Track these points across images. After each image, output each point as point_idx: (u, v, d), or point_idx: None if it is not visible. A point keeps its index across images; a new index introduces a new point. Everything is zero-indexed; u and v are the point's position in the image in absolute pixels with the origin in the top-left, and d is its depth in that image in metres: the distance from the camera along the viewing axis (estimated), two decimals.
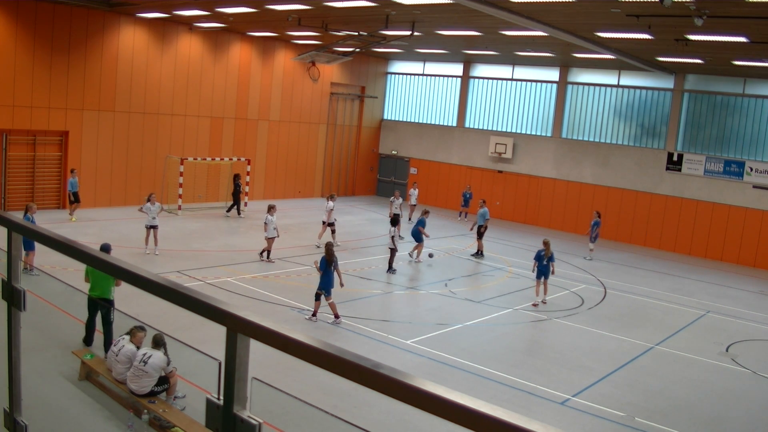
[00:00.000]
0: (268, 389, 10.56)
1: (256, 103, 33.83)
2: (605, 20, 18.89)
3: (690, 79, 30.63)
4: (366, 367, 1.76)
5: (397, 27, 24.30)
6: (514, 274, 23.40)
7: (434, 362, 14.41)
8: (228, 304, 2.09)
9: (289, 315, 16.51)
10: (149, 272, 2.38)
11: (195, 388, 11.05)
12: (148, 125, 29.43)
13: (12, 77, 24.87)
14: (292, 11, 23.12)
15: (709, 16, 15.97)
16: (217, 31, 30.98)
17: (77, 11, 26.26)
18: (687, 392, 14.12)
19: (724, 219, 29.34)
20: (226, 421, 2.10)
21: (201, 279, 18.81)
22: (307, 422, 10.82)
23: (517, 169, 35.46)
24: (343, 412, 10.96)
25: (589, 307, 19.95)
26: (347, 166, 39.99)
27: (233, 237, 25.28)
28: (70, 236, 2.93)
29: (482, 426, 1.56)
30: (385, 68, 40.83)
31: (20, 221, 3.06)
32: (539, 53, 29.68)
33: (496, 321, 17.87)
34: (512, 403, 12.46)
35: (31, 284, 3.30)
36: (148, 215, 21.01)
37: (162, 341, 10.61)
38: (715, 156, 29.83)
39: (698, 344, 17.32)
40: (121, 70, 28.10)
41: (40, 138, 26.28)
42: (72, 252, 2.73)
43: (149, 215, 20.97)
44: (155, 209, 21.04)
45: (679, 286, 24.00)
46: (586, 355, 15.79)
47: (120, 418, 10.33)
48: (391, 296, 19.63)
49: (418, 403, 1.67)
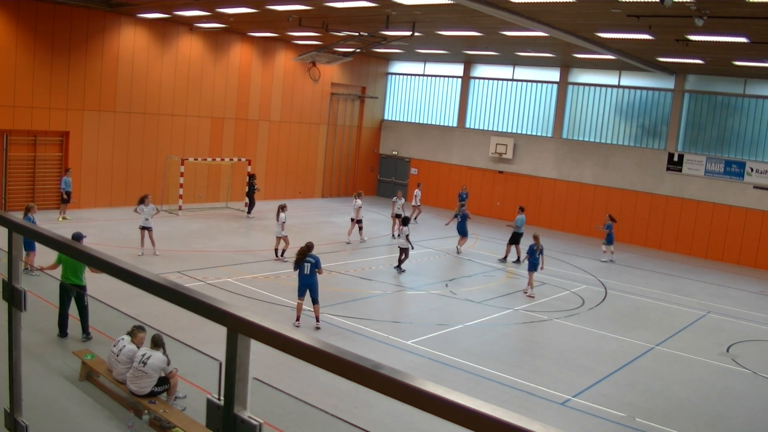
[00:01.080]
0: (268, 389, 10.57)
1: (257, 103, 33.83)
2: (606, 21, 18.89)
3: (690, 80, 30.63)
4: (366, 367, 1.76)
5: (398, 27, 24.30)
6: (514, 274, 23.40)
7: (434, 362, 14.40)
8: (228, 304, 2.09)
9: (290, 315, 16.50)
10: (150, 272, 2.38)
11: (195, 388, 11.06)
12: (148, 125, 29.44)
13: (13, 77, 24.88)
14: (292, 11, 23.12)
15: (710, 16, 15.97)
16: (218, 31, 30.99)
17: (78, 11, 26.26)
18: (687, 392, 14.12)
19: (725, 219, 29.34)
20: (227, 421, 2.10)
21: (201, 279, 18.81)
22: (307, 422, 10.83)
23: (517, 170, 35.46)
24: (344, 412, 10.96)
25: (590, 308, 19.95)
26: (348, 167, 40.00)
27: (234, 237, 25.28)
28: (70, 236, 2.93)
29: (483, 426, 1.56)
30: (385, 68, 40.84)
31: (21, 221, 3.06)
32: (540, 54, 29.68)
33: (497, 321, 17.87)
34: (512, 404, 12.46)
35: (31, 284, 3.29)
36: (141, 216, 20.97)
37: (161, 341, 10.59)
38: (715, 156, 29.83)
39: (699, 345, 17.32)
40: (121, 70, 28.11)
41: (40, 138, 26.29)
42: (72, 252, 2.73)
43: (143, 216, 20.90)
44: (149, 210, 20.94)
45: (680, 286, 24.00)
46: (586, 355, 15.79)
47: (120, 419, 10.33)
48: (392, 296, 19.62)
49: (419, 403, 1.67)
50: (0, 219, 3.14)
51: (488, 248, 26.97)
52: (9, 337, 3.25)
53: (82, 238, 13.68)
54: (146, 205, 20.95)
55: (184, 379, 11.14)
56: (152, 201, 21.67)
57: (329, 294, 18.87)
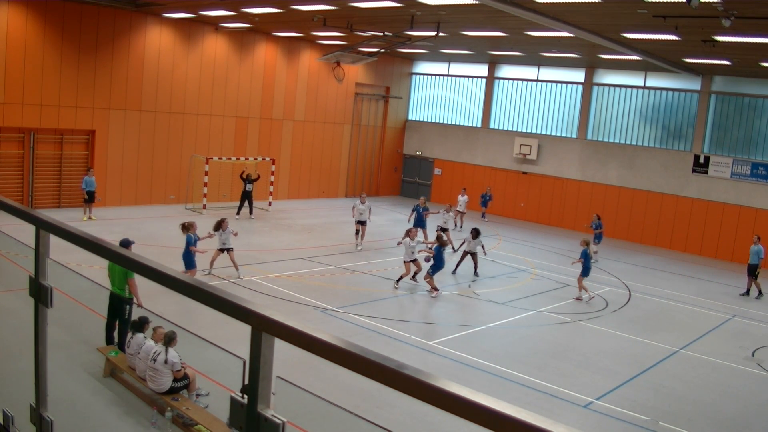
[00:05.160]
0: (291, 388, 10.61)
1: (281, 103, 33.95)
2: (632, 21, 18.75)
3: (717, 81, 30.33)
4: (390, 367, 1.76)
5: (422, 27, 24.28)
6: (537, 276, 23.30)
7: (457, 363, 14.38)
8: (253, 303, 2.10)
9: (313, 315, 16.54)
10: (175, 270, 2.39)
11: (217, 386, 11.11)
12: (173, 125, 29.65)
13: (40, 77, 25.15)
14: (317, 12, 23.17)
15: (737, 17, 15.80)
16: (243, 31, 31.13)
17: (104, 11, 26.50)
18: (712, 397, 13.98)
19: (751, 222, 29.00)
20: (250, 419, 2.10)
21: (225, 278, 18.90)
22: (329, 422, 10.84)
23: (541, 171, 35.30)
24: (366, 412, 10.96)
25: (614, 310, 19.82)
26: (371, 167, 40.02)
27: (257, 236, 25.38)
28: (97, 234, 2.95)
29: (507, 428, 1.55)
30: (409, 69, 40.81)
31: (48, 219, 3.08)
32: (565, 54, 29.52)
33: (520, 323, 17.81)
34: (535, 406, 12.40)
35: (57, 281, 3.32)
36: (219, 239, 19.32)
37: (170, 338, 10.59)
38: (742, 158, 29.51)
39: (724, 348, 17.15)
40: (147, 69, 28.33)
41: (67, 137, 26.55)
42: (99, 250, 2.75)
43: (220, 239, 19.31)
44: (226, 235, 19.26)
45: (705, 289, 23.77)
46: (610, 358, 15.69)
47: (143, 415, 10.41)
48: (414, 297, 19.60)
49: (443, 404, 1.66)
50: (28, 216, 3.16)
51: (511, 249, 26.86)
52: (35, 334, 3.28)
53: (130, 245, 13.05)
54: (224, 230, 19.24)
55: (207, 377, 11.21)
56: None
57: (352, 293, 18.91)
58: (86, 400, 10.81)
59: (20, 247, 5.93)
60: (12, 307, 11.61)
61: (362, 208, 24.67)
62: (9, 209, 3.33)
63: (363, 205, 24.73)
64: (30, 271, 3.27)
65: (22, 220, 3.21)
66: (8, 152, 25.14)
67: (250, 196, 28.48)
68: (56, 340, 12.23)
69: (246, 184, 28.25)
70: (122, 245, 12.01)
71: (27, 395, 3.50)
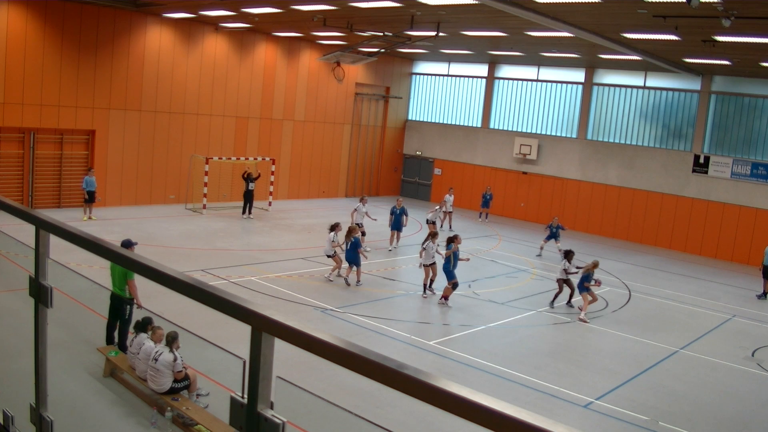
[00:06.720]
0: (291, 388, 10.59)
1: (281, 103, 33.95)
2: (632, 21, 18.76)
3: (717, 81, 30.33)
4: (390, 367, 1.76)
5: (422, 27, 24.29)
6: (537, 276, 23.29)
7: (457, 363, 14.38)
8: (253, 303, 2.10)
9: (313, 315, 16.54)
10: (175, 270, 2.39)
11: (218, 386, 11.11)
12: (173, 124, 29.65)
13: (40, 77, 25.15)
14: (317, 12, 23.18)
15: (737, 17, 15.80)
16: (243, 31, 31.13)
17: (104, 11, 26.50)
18: (711, 397, 13.98)
19: (751, 222, 29.01)
20: (250, 419, 2.10)
21: (225, 278, 18.90)
22: (329, 422, 10.83)
23: (541, 171, 35.31)
24: (366, 412, 10.96)
25: (614, 310, 19.82)
26: (371, 167, 40.02)
27: (257, 236, 25.38)
28: (97, 234, 2.95)
29: (507, 428, 1.55)
30: (409, 69, 40.82)
31: (48, 219, 3.08)
32: (565, 54, 29.52)
33: (520, 323, 17.81)
34: (535, 406, 12.40)
35: (57, 281, 3.32)
36: (326, 245, 20.19)
37: (171, 339, 10.59)
38: (742, 158, 29.51)
39: (723, 348, 17.15)
40: (147, 69, 28.33)
41: (67, 137, 26.55)
42: (99, 251, 2.75)
43: (327, 245, 20.15)
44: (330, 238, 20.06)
45: (705, 289, 23.77)
46: (609, 358, 15.69)
47: (143, 415, 10.40)
48: (414, 297, 19.59)
49: (443, 404, 1.66)
50: (28, 216, 3.16)
51: (512, 249, 26.85)
52: (35, 334, 3.28)
53: (132, 246, 13.04)
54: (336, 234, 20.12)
55: (207, 377, 11.20)
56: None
57: (353, 293, 18.91)
58: (86, 400, 10.80)
59: (20, 247, 5.93)
60: (12, 307, 11.59)
61: (364, 210, 24.79)
62: (9, 209, 3.33)
63: (364, 207, 24.83)
64: (30, 271, 3.27)
65: (22, 220, 3.21)
66: (8, 152, 25.14)
67: (252, 196, 28.56)
68: (56, 340, 12.22)
69: (248, 184, 28.33)
70: (124, 245, 12.02)
71: (27, 395, 3.50)
